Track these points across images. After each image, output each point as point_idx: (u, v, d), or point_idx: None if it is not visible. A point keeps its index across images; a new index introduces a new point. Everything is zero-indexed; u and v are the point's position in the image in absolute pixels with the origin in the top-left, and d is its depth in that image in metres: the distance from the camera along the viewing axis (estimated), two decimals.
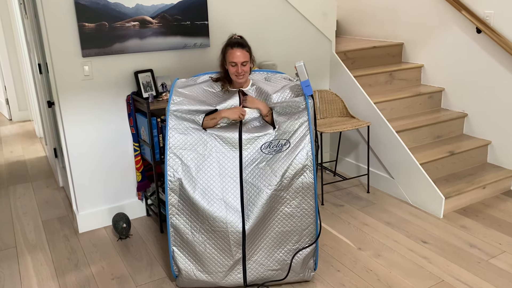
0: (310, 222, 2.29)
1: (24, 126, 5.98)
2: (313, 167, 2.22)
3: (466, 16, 3.55)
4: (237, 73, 2.45)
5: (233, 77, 2.49)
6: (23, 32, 4.45)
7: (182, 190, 2.26)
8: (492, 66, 3.51)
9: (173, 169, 2.27)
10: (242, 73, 2.45)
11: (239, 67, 2.43)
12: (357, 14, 4.74)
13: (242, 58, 2.43)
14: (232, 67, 2.45)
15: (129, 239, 2.96)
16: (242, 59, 2.42)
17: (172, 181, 2.26)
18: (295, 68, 2.37)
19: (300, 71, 2.36)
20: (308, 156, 2.22)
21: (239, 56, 2.42)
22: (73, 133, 2.89)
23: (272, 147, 2.31)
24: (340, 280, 2.47)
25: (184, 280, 2.36)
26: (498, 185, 3.46)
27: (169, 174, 2.27)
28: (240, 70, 2.43)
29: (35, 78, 4.05)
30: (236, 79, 2.48)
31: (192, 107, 2.42)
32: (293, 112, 2.37)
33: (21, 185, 3.93)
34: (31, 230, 3.12)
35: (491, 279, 2.45)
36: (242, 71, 2.44)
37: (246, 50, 2.45)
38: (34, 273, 2.61)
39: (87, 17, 2.70)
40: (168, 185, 2.26)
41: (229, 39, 2.50)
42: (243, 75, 2.47)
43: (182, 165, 2.28)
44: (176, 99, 2.42)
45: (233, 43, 2.45)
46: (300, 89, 2.47)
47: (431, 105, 3.95)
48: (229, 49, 2.45)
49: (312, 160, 2.22)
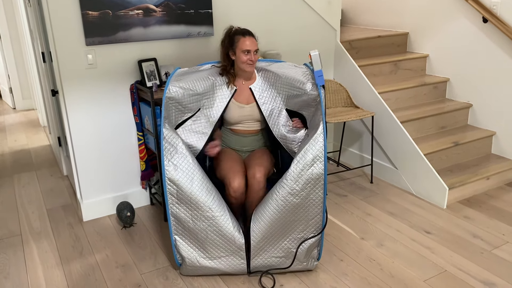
0: (317, 212, 2.29)
1: (28, 115, 5.99)
2: (325, 158, 2.21)
3: (472, 5, 3.51)
4: (250, 61, 2.45)
5: (244, 66, 2.47)
6: (26, 20, 4.43)
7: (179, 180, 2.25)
8: (498, 56, 3.48)
9: (167, 158, 2.27)
10: (253, 61, 2.46)
11: (252, 54, 2.43)
12: (362, 3, 4.70)
13: (255, 46, 2.45)
14: (244, 56, 2.44)
15: (133, 227, 2.98)
16: (255, 47, 2.44)
17: (170, 170, 2.26)
18: (310, 56, 2.36)
19: (315, 60, 2.36)
20: (320, 147, 2.21)
21: (251, 44, 2.43)
22: (77, 122, 2.89)
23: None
24: (343, 269, 2.48)
25: (188, 268, 2.37)
26: (502, 176, 3.45)
27: (166, 163, 2.26)
28: (253, 57, 2.44)
29: (39, 67, 4.05)
30: (247, 68, 2.47)
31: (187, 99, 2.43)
32: (310, 105, 2.40)
33: (26, 174, 3.95)
34: (36, 218, 3.14)
35: (494, 269, 2.45)
36: (255, 59, 2.46)
37: (255, 38, 2.48)
38: (39, 260, 2.63)
39: (90, 5, 2.69)
40: (166, 174, 2.26)
41: (235, 29, 2.49)
42: (253, 64, 2.47)
43: (177, 154, 2.27)
44: (172, 89, 2.40)
45: (244, 32, 2.46)
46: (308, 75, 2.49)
47: (436, 95, 3.93)
48: (240, 37, 2.44)
49: (323, 151, 2.21)
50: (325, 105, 2.43)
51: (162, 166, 2.26)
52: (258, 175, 2.42)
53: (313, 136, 2.23)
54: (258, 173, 2.42)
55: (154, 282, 2.41)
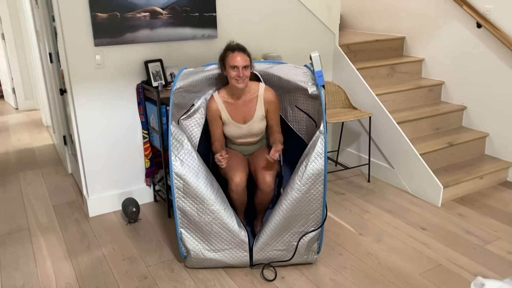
0: (317, 207, 2.39)
1: (30, 115, 6.07)
2: (325, 154, 2.32)
3: (466, 11, 3.64)
4: (237, 77, 2.41)
5: (233, 82, 2.45)
6: (31, 21, 4.52)
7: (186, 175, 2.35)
8: (491, 61, 3.61)
9: (174, 154, 2.36)
10: (243, 77, 2.42)
11: (240, 70, 2.40)
12: (361, 9, 4.83)
13: (243, 62, 2.40)
14: (232, 71, 2.41)
15: (138, 223, 3.07)
16: (243, 63, 2.39)
17: (176, 165, 2.36)
18: (310, 58, 2.46)
19: (315, 61, 2.46)
20: (321, 143, 2.32)
21: (240, 60, 2.39)
22: (84, 120, 2.98)
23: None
24: (341, 263, 2.58)
25: (193, 260, 2.47)
26: (495, 175, 3.56)
27: (173, 158, 2.36)
28: (242, 74, 2.40)
29: (44, 67, 4.14)
30: (236, 83, 2.44)
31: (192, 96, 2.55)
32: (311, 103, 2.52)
33: (31, 172, 4.03)
34: (43, 214, 3.23)
35: (486, 263, 2.56)
36: (244, 75, 2.42)
37: (247, 54, 2.44)
38: (47, 253, 2.72)
39: (99, 7, 2.79)
40: (173, 169, 2.35)
41: (228, 45, 2.50)
42: (243, 80, 2.44)
43: (183, 150, 2.37)
44: (179, 85, 2.50)
45: (233, 47, 2.44)
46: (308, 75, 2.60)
47: (431, 97, 4.05)
48: (229, 53, 2.43)
49: (324, 148, 2.32)
50: (325, 104, 2.54)
51: (170, 161, 2.36)
52: (268, 179, 2.49)
53: (315, 134, 2.34)
54: (268, 177, 2.49)
55: (160, 274, 2.50)
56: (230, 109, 2.59)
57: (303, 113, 2.67)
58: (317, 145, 2.31)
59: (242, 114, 2.61)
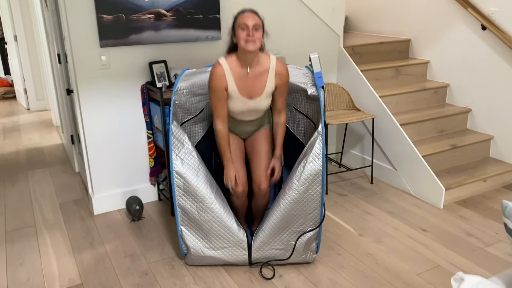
0: (315, 207, 2.41)
1: (41, 115, 6.19)
2: (323, 155, 2.34)
3: (471, 13, 3.64)
4: (247, 37, 2.16)
5: (242, 43, 2.19)
6: (42, 23, 4.63)
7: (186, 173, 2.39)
8: (496, 63, 3.60)
9: (175, 153, 2.41)
10: (253, 38, 2.17)
11: (250, 30, 2.16)
12: (366, 11, 4.84)
13: (254, 20, 2.16)
14: (242, 32, 2.17)
15: (141, 221, 3.12)
16: (253, 22, 2.16)
17: (177, 164, 2.40)
18: (310, 59, 2.48)
19: (314, 62, 2.48)
20: (319, 144, 2.35)
21: (250, 19, 2.17)
22: (90, 119, 3.05)
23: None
24: (340, 262, 2.60)
25: (193, 258, 2.51)
26: (499, 178, 3.55)
27: (174, 157, 2.40)
28: (251, 33, 2.16)
29: (54, 68, 4.23)
30: (245, 45, 2.18)
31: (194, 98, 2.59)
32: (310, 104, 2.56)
33: (39, 170, 4.11)
34: (49, 211, 3.30)
35: (486, 265, 2.55)
36: (253, 35, 2.17)
37: (259, 17, 2.23)
38: (52, 250, 2.78)
39: (105, 9, 2.85)
40: (174, 167, 2.40)
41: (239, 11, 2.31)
42: (253, 41, 2.18)
43: (184, 149, 2.41)
44: (181, 86, 2.54)
45: (244, 10, 2.25)
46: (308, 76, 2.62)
47: (436, 100, 4.05)
48: (239, 15, 2.22)
49: (322, 148, 2.34)
50: (324, 105, 2.57)
51: (170, 160, 2.40)
52: (263, 185, 2.52)
53: (313, 135, 2.37)
54: (263, 183, 2.51)
55: (160, 270, 2.55)
56: (238, 81, 2.33)
57: (302, 115, 2.69)
58: (315, 145, 2.34)
59: (250, 88, 2.36)
